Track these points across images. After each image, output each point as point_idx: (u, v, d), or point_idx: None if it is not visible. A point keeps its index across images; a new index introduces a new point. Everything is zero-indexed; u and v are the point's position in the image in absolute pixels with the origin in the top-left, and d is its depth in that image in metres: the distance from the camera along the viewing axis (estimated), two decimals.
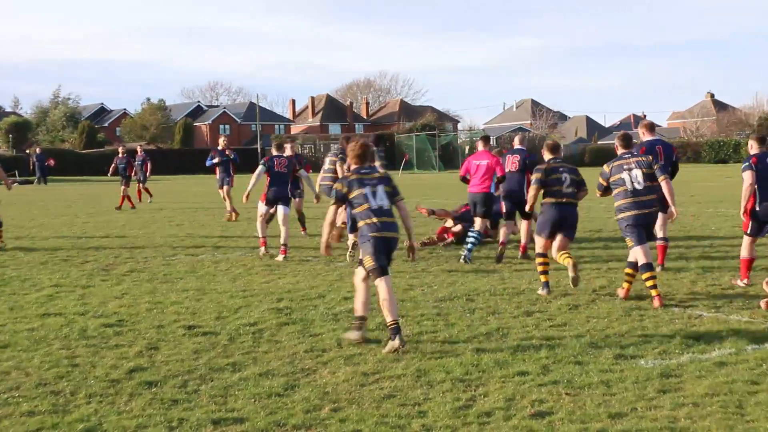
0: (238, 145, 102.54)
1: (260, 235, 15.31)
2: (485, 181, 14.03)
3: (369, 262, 8.29)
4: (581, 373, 7.12)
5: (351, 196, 8.57)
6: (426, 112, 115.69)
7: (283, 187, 15.03)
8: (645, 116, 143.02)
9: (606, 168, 10.80)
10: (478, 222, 14.29)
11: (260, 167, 15.10)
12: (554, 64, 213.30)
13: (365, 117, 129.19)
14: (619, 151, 10.81)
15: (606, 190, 10.81)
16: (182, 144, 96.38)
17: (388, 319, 8.05)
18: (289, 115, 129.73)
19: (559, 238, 11.16)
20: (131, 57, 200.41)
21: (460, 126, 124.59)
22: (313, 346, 8.26)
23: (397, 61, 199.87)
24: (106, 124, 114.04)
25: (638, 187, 10.46)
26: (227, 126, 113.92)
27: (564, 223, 11.16)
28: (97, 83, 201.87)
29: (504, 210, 14.72)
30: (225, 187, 23.39)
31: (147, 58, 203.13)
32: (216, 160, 23.71)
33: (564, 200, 11.23)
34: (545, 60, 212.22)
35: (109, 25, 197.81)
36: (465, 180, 14.32)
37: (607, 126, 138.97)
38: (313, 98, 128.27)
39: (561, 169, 11.42)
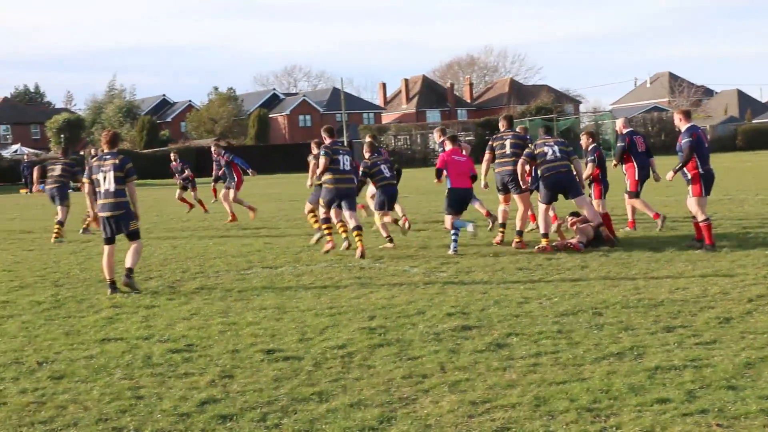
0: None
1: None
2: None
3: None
4: (735, 401, 6.97)
5: (93, 177, 13.59)
6: (541, 93, 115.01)
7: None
8: None
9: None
10: None
11: None
12: (698, 28, 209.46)
13: (468, 101, 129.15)
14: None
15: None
16: (257, 139, 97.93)
17: (107, 276, 13.51)
18: (379, 101, 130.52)
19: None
20: (194, 40, 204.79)
21: (582, 107, 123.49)
22: (411, 371, 8.30)
23: (504, 33, 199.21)
24: (169, 119, 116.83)
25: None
26: (308, 116, 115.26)
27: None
28: (157, 72, 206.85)
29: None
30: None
31: (212, 42, 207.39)
32: None
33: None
34: (686, 24, 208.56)
35: (168, 5, 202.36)
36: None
37: (763, 101, 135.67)
38: (406, 81, 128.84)
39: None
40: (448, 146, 17.34)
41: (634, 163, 18.66)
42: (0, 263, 17.80)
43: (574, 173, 16.41)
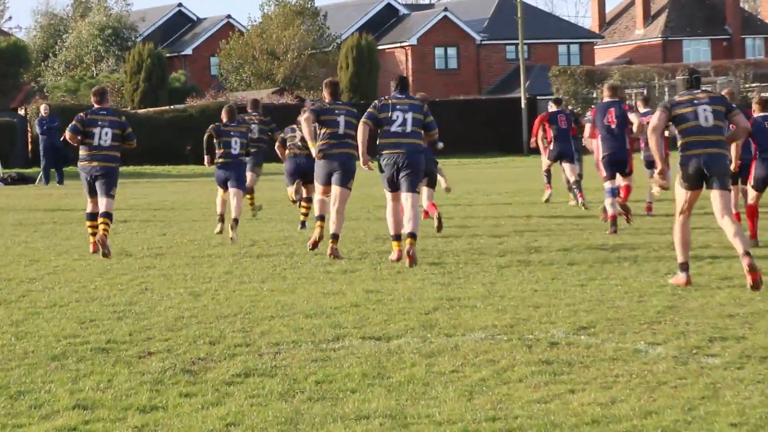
0: (503, 92, 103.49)
1: None
2: None
3: None
4: None
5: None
6: None
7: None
8: None
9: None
10: None
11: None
12: None
13: None
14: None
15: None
16: (353, 90, 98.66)
17: None
18: (591, 23, 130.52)
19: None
20: None
21: None
22: None
23: None
24: (188, 50, 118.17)
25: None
26: (452, 49, 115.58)
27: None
28: None
29: None
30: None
31: None
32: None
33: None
34: None
35: None
36: None
37: None
38: None
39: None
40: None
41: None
42: None
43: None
